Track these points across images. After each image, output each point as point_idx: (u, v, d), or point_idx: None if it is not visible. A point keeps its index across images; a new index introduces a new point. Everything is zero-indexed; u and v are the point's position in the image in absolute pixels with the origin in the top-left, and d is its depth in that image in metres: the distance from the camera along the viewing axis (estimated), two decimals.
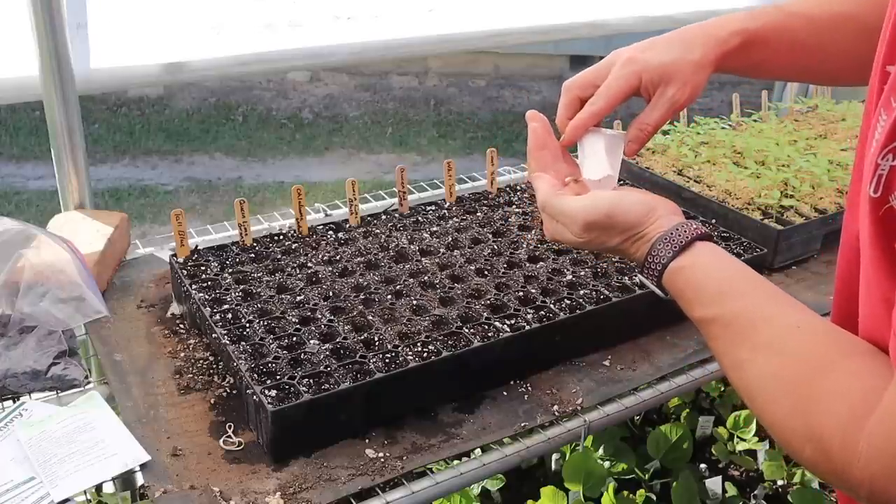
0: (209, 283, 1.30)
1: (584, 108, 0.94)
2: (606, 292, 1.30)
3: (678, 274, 0.80)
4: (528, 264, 1.39)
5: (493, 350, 1.17)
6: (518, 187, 1.71)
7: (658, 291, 0.84)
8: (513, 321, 1.22)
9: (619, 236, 0.86)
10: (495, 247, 1.45)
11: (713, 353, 0.76)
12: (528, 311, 1.24)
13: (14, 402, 1.12)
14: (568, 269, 1.37)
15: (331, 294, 1.28)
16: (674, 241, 0.81)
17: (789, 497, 1.90)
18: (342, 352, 1.14)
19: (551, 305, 1.26)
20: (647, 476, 1.91)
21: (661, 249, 0.82)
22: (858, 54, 0.88)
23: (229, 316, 1.22)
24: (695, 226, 0.82)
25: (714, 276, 0.79)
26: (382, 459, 1.06)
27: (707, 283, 0.78)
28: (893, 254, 0.60)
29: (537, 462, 1.95)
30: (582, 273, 1.36)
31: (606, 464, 1.88)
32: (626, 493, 1.83)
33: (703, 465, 2.02)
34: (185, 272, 1.33)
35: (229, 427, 1.10)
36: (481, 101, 6.47)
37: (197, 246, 1.41)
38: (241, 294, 1.28)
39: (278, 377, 1.08)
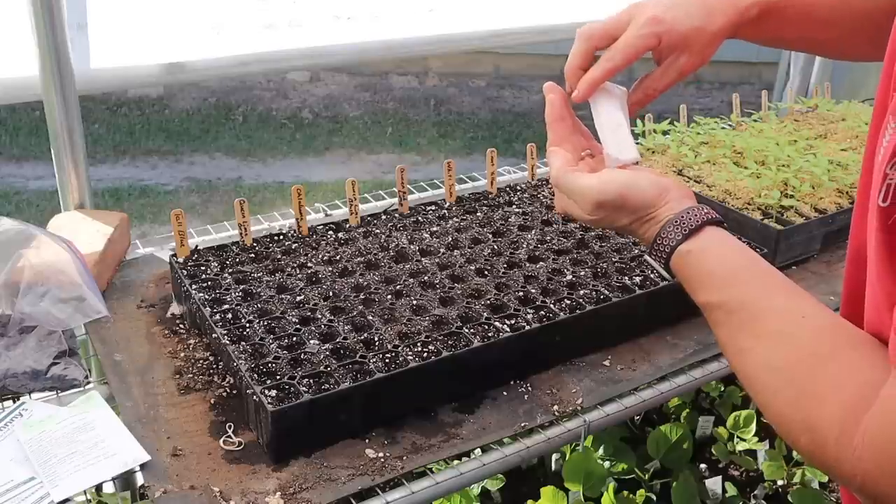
0: (209, 283, 1.30)
1: (601, 64, 0.92)
2: (606, 292, 1.30)
3: (686, 258, 0.80)
4: (528, 264, 1.39)
5: (493, 350, 1.17)
6: (518, 187, 1.71)
7: (665, 274, 0.84)
8: (513, 321, 1.22)
9: (629, 217, 0.85)
10: (495, 247, 1.45)
11: (716, 338, 0.76)
12: (528, 311, 1.24)
13: (14, 402, 1.12)
14: (568, 269, 1.37)
15: (331, 294, 1.28)
16: (683, 224, 0.80)
17: (789, 497, 1.90)
18: (342, 352, 1.14)
19: (551, 305, 1.26)
20: (647, 476, 1.91)
21: (669, 232, 0.81)
22: (873, 30, 0.87)
23: (229, 316, 1.22)
24: (705, 210, 0.81)
25: (721, 262, 0.78)
26: (382, 459, 1.06)
27: (713, 269, 0.78)
28: None
29: (537, 462, 1.95)
30: (582, 273, 1.36)
31: (606, 464, 1.88)
32: (626, 493, 1.83)
33: (703, 465, 2.02)
34: (185, 272, 1.33)
35: (229, 427, 1.10)
36: (481, 101, 6.47)
37: (197, 246, 1.41)
38: (241, 294, 1.28)
39: (278, 377, 1.08)
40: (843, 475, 0.62)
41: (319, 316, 1.22)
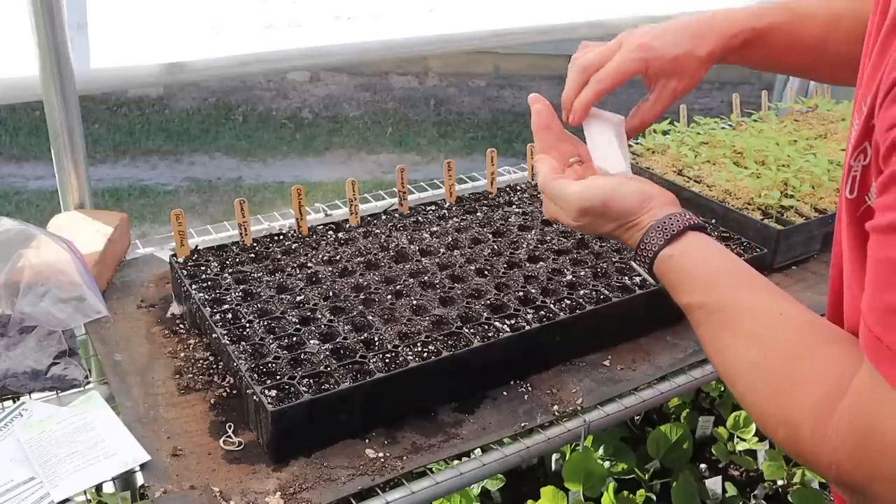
0: (209, 283, 1.30)
1: (590, 87, 0.94)
2: (606, 292, 1.30)
3: (668, 262, 0.82)
4: (528, 264, 1.39)
5: (493, 350, 1.17)
6: (518, 187, 1.71)
7: (649, 278, 0.87)
8: (513, 321, 1.22)
9: (613, 223, 0.88)
10: (495, 247, 1.45)
11: (698, 338, 0.79)
12: (528, 311, 1.24)
13: (14, 402, 1.12)
14: (568, 269, 1.37)
15: (331, 294, 1.28)
16: (665, 229, 0.83)
17: (789, 497, 1.90)
18: (342, 352, 1.14)
19: (551, 305, 1.26)
20: (647, 476, 1.91)
21: (652, 238, 0.84)
22: (856, 55, 0.89)
23: (229, 316, 1.22)
24: (687, 216, 0.84)
25: (702, 266, 0.81)
26: (382, 459, 1.06)
27: (694, 272, 0.81)
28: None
29: (537, 462, 1.95)
30: (582, 273, 1.36)
31: (606, 464, 1.88)
32: (626, 493, 1.83)
33: (703, 465, 2.02)
34: (185, 272, 1.33)
35: (229, 427, 1.10)
36: (481, 101, 6.47)
37: (197, 246, 1.41)
38: (241, 294, 1.28)
39: (278, 377, 1.08)
40: (820, 467, 0.63)
41: (319, 316, 1.22)
